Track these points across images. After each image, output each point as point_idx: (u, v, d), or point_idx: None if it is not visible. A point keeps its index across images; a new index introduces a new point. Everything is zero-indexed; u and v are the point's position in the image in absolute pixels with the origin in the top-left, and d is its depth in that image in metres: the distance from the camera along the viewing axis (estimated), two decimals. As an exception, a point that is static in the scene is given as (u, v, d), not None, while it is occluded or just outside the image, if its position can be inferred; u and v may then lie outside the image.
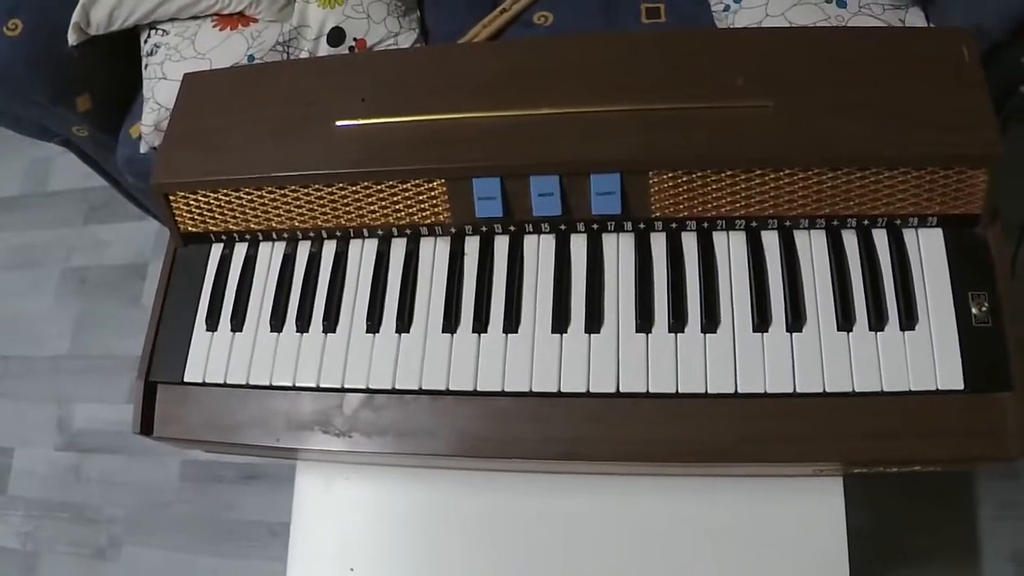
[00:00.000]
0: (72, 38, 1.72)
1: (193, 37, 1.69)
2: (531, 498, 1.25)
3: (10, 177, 2.99)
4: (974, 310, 1.07)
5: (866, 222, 1.14)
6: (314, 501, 1.34)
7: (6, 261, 2.87)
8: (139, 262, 2.67)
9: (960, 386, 1.05)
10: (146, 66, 1.74)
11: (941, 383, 1.05)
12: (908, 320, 1.08)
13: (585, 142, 1.15)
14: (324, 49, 1.66)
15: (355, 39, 1.66)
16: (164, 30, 1.72)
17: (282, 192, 1.24)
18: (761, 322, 1.10)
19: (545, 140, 1.16)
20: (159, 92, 1.67)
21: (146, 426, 1.26)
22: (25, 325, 2.75)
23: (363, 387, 1.18)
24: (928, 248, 1.12)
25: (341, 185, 1.22)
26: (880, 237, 1.13)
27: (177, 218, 1.32)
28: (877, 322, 1.08)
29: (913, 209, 1.12)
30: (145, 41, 1.75)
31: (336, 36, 1.65)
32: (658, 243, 1.17)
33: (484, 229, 1.22)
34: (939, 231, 1.12)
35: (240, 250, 1.31)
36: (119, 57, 1.83)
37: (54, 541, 2.43)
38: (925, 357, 1.06)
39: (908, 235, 1.13)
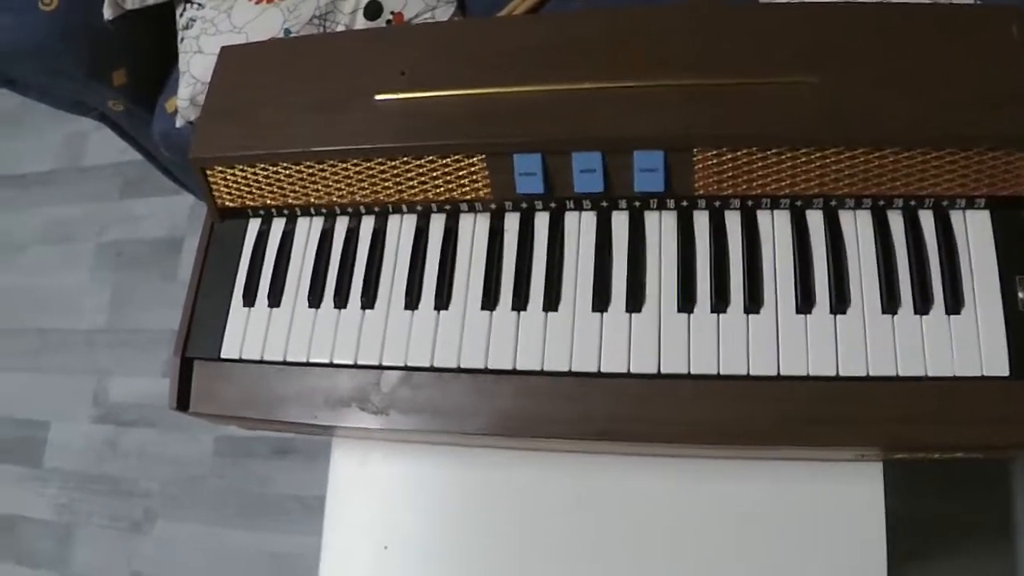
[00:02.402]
0: (108, 12, 1.72)
1: (229, 11, 1.68)
2: (567, 479, 1.25)
3: (46, 152, 3.01)
4: (1021, 295, 1.05)
5: (912, 203, 1.11)
6: (349, 478, 1.34)
7: (42, 236, 2.90)
8: (175, 236, 2.68)
9: (1005, 372, 1.02)
10: (182, 40, 1.73)
11: (986, 369, 1.02)
12: (954, 304, 1.05)
13: (628, 118, 1.13)
14: (361, 22, 1.65)
15: (392, 12, 1.64)
16: (200, 3, 1.71)
17: (320, 167, 1.24)
18: (804, 303, 1.08)
19: (587, 116, 1.15)
20: (195, 66, 1.67)
21: (182, 402, 1.26)
22: (61, 299, 2.77)
23: (401, 364, 1.17)
24: (975, 230, 1.09)
25: (380, 160, 1.21)
26: (926, 218, 1.11)
27: (215, 193, 1.31)
28: (923, 305, 1.06)
29: (960, 190, 1.09)
30: (181, 15, 1.75)
31: (373, 9, 1.63)
32: (701, 221, 1.15)
33: (524, 205, 1.21)
34: (986, 213, 1.10)
35: (278, 225, 1.31)
36: (155, 31, 1.83)
37: (90, 513, 2.46)
38: (970, 342, 1.04)
39: (955, 217, 1.10)
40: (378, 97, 1.23)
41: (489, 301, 1.17)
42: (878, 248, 1.10)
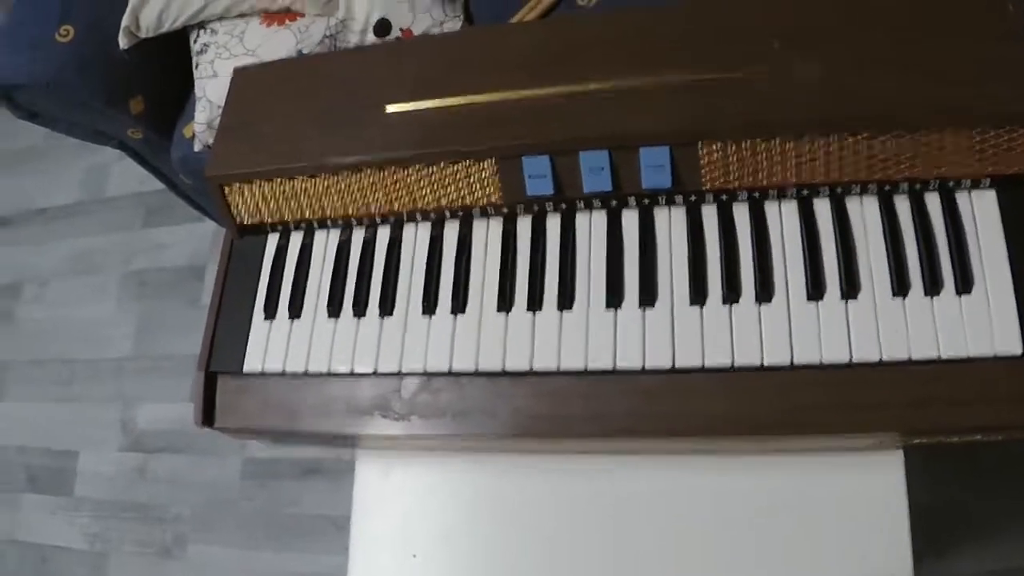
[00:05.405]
0: (123, 42, 1.75)
1: (241, 35, 1.71)
2: (589, 480, 1.25)
3: (68, 185, 3.05)
4: (1031, 273, 1.05)
5: (918, 186, 1.12)
6: (374, 489, 1.35)
7: (68, 268, 2.94)
8: (197, 263, 2.71)
9: (1018, 351, 1.02)
10: (197, 65, 1.76)
11: (999, 348, 1.02)
12: (964, 284, 1.05)
13: (633, 116, 1.15)
14: (371, 40, 1.67)
15: (401, 29, 1.67)
16: (213, 29, 1.74)
17: (335, 179, 1.26)
18: (815, 291, 1.09)
19: (593, 115, 1.16)
20: (210, 90, 1.70)
21: (207, 417, 1.28)
22: (88, 329, 2.80)
23: (420, 370, 1.19)
24: (982, 210, 1.10)
25: (393, 169, 1.23)
26: (932, 201, 1.11)
27: (232, 210, 1.34)
28: (932, 287, 1.06)
29: (965, 171, 1.10)
30: (195, 41, 1.78)
31: (382, 27, 1.66)
32: (710, 215, 1.17)
33: (536, 208, 1.23)
34: (992, 192, 1.10)
35: (296, 239, 1.33)
36: (170, 58, 1.86)
37: (121, 541, 2.48)
38: (982, 322, 1.04)
39: (961, 197, 1.11)
40: (389, 108, 1.25)
41: (504, 303, 1.18)
42: (886, 232, 1.11)
